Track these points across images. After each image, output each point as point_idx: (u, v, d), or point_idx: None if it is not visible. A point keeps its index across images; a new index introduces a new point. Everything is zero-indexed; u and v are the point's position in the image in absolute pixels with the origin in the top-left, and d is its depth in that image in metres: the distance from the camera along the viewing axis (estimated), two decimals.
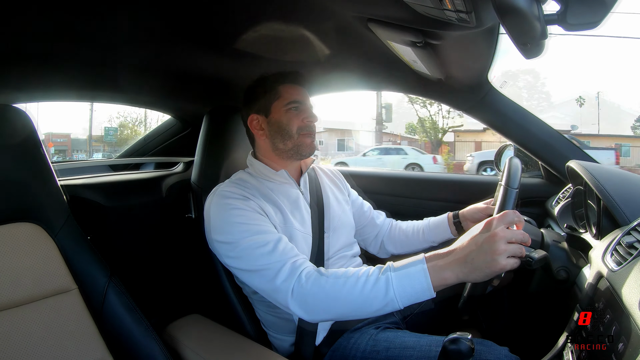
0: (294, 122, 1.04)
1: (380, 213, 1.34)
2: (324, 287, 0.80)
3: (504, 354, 0.77)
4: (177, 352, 0.95)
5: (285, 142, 1.05)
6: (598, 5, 0.48)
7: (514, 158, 0.82)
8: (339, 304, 0.79)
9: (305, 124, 1.05)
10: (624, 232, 0.75)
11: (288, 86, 1.07)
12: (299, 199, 1.07)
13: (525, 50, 0.59)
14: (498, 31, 0.84)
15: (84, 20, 0.86)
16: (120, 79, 1.29)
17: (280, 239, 0.89)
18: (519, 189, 0.77)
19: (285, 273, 0.83)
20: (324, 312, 0.81)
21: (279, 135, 1.05)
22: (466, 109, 1.35)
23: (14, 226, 0.80)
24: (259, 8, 0.87)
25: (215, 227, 0.94)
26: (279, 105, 1.05)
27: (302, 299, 0.81)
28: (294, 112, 1.05)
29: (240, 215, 0.92)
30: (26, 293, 0.76)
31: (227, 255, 0.93)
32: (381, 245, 1.30)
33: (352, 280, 0.79)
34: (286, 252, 0.87)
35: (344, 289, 0.78)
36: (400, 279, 0.75)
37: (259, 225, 0.91)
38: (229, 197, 0.95)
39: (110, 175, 1.38)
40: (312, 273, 0.82)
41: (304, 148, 1.06)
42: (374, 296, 0.76)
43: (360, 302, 0.77)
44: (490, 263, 0.70)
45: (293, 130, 1.04)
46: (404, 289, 0.74)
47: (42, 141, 0.89)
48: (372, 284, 0.77)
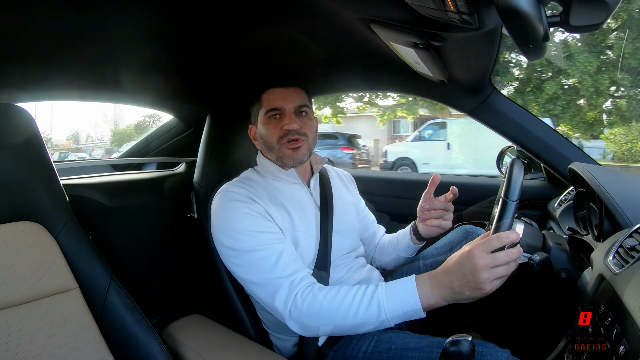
0: (273, 132, 1.01)
1: (380, 228, 1.34)
2: (319, 310, 0.83)
3: (505, 356, 0.77)
4: (177, 352, 0.95)
5: (270, 153, 1.04)
6: (600, 7, 0.48)
7: (515, 165, 0.80)
8: (334, 325, 0.83)
9: (284, 132, 1.00)
10: (625, 235, 0.74)
11: (270, 92, 1.03)
12: (307, 201, 1.06)
13: (528, 52, 0.59)
14: (500, 33, 0.84)
15: (86, 20, 0.86)
16: (122, 79, 1.29)
17: (282, 252, 0.90)
18: (518, 200, 0.77)
19: (283, 296, 0.86)
20: (320, 329, 0.85)
21: (265, 147, 1.04)
22: (469, 111, 1.34)
23: (16, 225, 0.81)
24: (262, 8, 0.87)
25: (221, 230, 0.95)
26: (261, 114, 1.03)
27: (299, 320, 0.85)
28: (273, 121, 1.02)
29: (245, 222, 0.92)
30: (27, 292, 0.76)
31: (230, 260, 0.94)
32: (372, 260, 1.31)
33: (347, 302, 0.82)
34: (287, 267, 0.88)
35: (338, 312, 0.82)
36: (392, 301, 0.79)
37: (264, 233, 0.92)
38: (235, 199, 0.95)
39: (112, 175, 1.38)
40: (307, 294, 0.85)
41: (286, 158, 1.01)
42: (367, 318, 0.80)
43: (355, 324, 0.81)
44: (475, 291, 0.74)
45: (273, 141, 1.01)
46: (396, 311, 0.79)
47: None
48: (365, 307, 0.80)
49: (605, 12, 0.48)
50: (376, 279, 1.15)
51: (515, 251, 0.75)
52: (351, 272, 1.09)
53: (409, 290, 0.79)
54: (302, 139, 1.01)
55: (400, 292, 0.80)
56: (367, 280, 1.10)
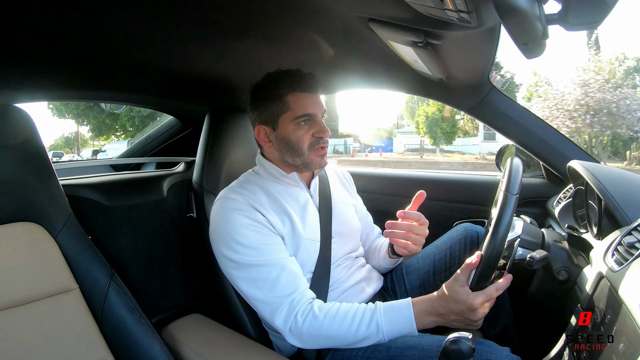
0: (304, 139, 0.98)
1: (375, 228, 1.33)
2: (319, 329, 0.86)
3: (505, 354, 0.77)
4: (177, 352, 0.95)
5: (294, 159, 1.00)
6: (599, 5, 0.48)
7: (515, 160, 0.81)
8: (334, 342, 0.87)
9: (315, 139, 0.99)
10: (624, 232, 0.75)
11: (299, 95, 0.98)
12: (308, 203, 1.05)
13: (526, 50, 0.59)
14: (499, 31, 0.84)
15: (85, 20, 0.86)
16: (121, 79, 1.29)
17: (283, 269, 0.90)
18: (518, 194, 0.77)
19: (283, 315, 0.88)
20: (320, 346, 0.89)
21: (287, 151, 1.00)
22: (468, 109, 1.34)
23: (15, 226, 0.80)
24: (261, 7, 0.87)
25: (222, 239, 0.94)
26: (288, 118, 0.98)
27: (299, 336, 0.88)
28: (304, 127, 0.98)
29: (247, 235, 0.91)
30: (27, 293, 0.77)
31: (229, 271, 0.95)
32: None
33: (346, 323, 0.85)
34: (287, 286, 0.89)
35: (338, 332, 0.85)
36: (390, 325, 0.84)
37: (265, 245, 0.92)
38: (236, 208, 0.94)
39: (112, 175, 1.38)
40: (308, 314, 0.87)
41: (314, 165, 1.01)
42: (366, 337, 0.85)
43: (353, 341, 0.85)
44: (470, 325, 0.83)
45: (303, 148, 0.99)
46: (393, 332, 0.84)
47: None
48: (365, 328, 0.84)
49: (604, 10, 0.48)
50: (375, 278, 1.15)
51: (504, 283, 0.82)
52: (351, 272, 1.09)
53: (407, 315, 0.84)
54: (326, 148, 1.03)
55: (398, 316, 0.85)
56: (366, 280, 1.11)
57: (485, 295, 0.80)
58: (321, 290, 0.99)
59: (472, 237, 1.11)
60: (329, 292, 1.02)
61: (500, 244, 0.75)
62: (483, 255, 0.78)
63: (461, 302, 0.80)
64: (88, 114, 18.22)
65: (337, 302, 0.90)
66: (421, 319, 0.84)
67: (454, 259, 1.11)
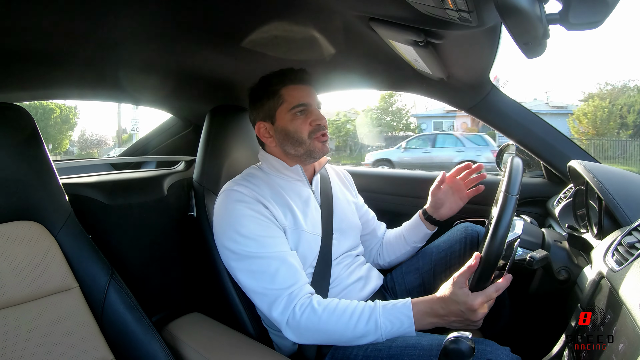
0: (302, 128, 1.02)
1: (381, 224, 1.34)
2: (317, 323, 0.86)
3: (505, 353, 0.77)
4: (178, 350, 0.95)
5: (297, 149, 1.04)
6: (600, 5, 0.48)
7: (515, 160, 0.82)
8: (331, 338, 0.87)
9: (314, 127, 1.02)
10: (625, 232, 0.75)
11: (291, 88, 1.03)
12: (310, 199, 1.07)
13: (527, 49, 0.59)
14: (500, 31, 0.84)
15: (85, 19, 0.86)
16: (122, 78, 1.29)
17: (283, 261, 0.91)
18: (519, 195, 0.77)
19: (281, 307, 0.88)
20: (316, 341, 0.89)
21: (288, 142, 1.03)
22: (468, 109, 1.34)
23: (15, 224, 0.80)
24: (261, 6, 0.87)
25: (224, 231, 0.95)
26: (284, 110, 1.03)
27: (296, 329, 0.88)
28: (301, 117, 1.02)
29: (249, 226, 0.93)
30: (27, 291, 0.77)
31: (230, 262, 0.96)
32: (374, 258, 1.30)
33: (345, 319, 0.85)
34: (287, 279, 0.89)
35: (337, 328, 0.85)
36: (389, 324, 0.84)
37: (267, 238, 0.93)
38: (239, 199, 0.96)
39: (112, 174, 1.38)
40: (306, 307, 0.87)
41: (317, 152, 1.04)
42: (364, 334, 0.85)
43: (351, 338, 0.86)
44: (470, 325, 0.83)
45: (304, 137, 1.02)
46: (391, 331, 0.85)
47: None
48: (363, 325, 0.84)
49: (605, 10, 0.48)
50: (375, 276, 1.15)
51: (504, 283, 0.82)
52: (351, 270, 1.09)
53: (406, 315, 0.85)
54: (327, 135, 1.05)
55: (398, 315, 0.85)
56: (366, 278, 1.11)
57: (484, 295, 0.80)
58: (322, 287, 0.99)
59: (472, 237, 1.11)
60: (330, 290, 1.02)
61: (499, 245, 0.75)
62: (483, 256, 0.78)
63: (461, 303, 0.80)
64: None
65: (336, 298, 0.90)
66: (420, 320, 0.84)
67: (454, 258, 1.11)
